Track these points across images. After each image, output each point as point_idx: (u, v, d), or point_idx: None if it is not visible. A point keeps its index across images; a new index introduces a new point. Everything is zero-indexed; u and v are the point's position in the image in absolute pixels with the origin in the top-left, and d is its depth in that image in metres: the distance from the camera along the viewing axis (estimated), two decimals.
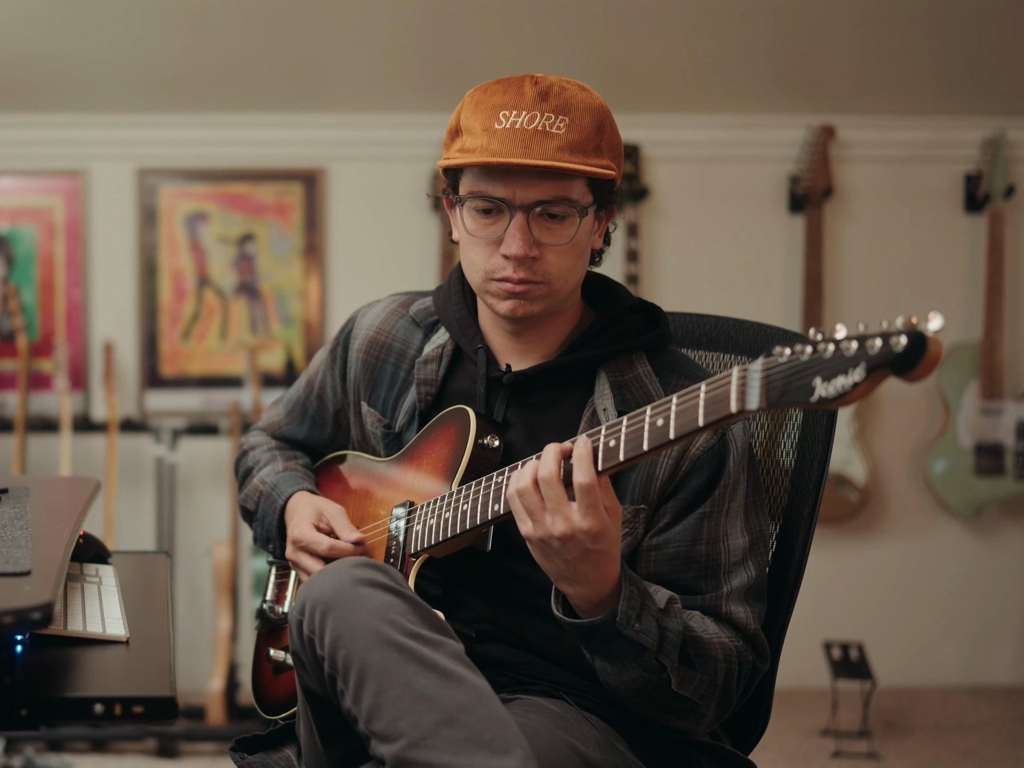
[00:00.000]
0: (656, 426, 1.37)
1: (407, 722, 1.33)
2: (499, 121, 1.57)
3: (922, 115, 4.12)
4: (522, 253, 1.57)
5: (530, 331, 1.68)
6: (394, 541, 1.67)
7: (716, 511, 1.58)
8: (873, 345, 1.19)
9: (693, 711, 1.54)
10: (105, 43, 3.75)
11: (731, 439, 1.60)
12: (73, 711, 1.25)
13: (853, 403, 1.22)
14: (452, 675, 1.35)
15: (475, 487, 1.58)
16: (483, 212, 1.60)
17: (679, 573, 1.58)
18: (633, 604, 1.46)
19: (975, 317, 4.14)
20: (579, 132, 1.57)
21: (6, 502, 1.65)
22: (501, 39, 3.80)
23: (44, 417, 3.94)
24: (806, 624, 3.67)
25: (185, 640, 3.96)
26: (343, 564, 1.45)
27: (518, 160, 1.54)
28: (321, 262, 4.07)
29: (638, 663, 1.48)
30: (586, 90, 1.62)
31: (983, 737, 3.72)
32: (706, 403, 1.33)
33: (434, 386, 1.72)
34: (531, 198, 1.57)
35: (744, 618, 1.57)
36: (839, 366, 1.21)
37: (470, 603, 1.66)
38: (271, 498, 1.84)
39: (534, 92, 1.58)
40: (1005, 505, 4.18)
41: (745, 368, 1.30)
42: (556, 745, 1.48)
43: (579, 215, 1.59)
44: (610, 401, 1.62)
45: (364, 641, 1.36)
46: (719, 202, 4.14)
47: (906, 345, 1.18)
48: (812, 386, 1.22)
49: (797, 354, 1.25)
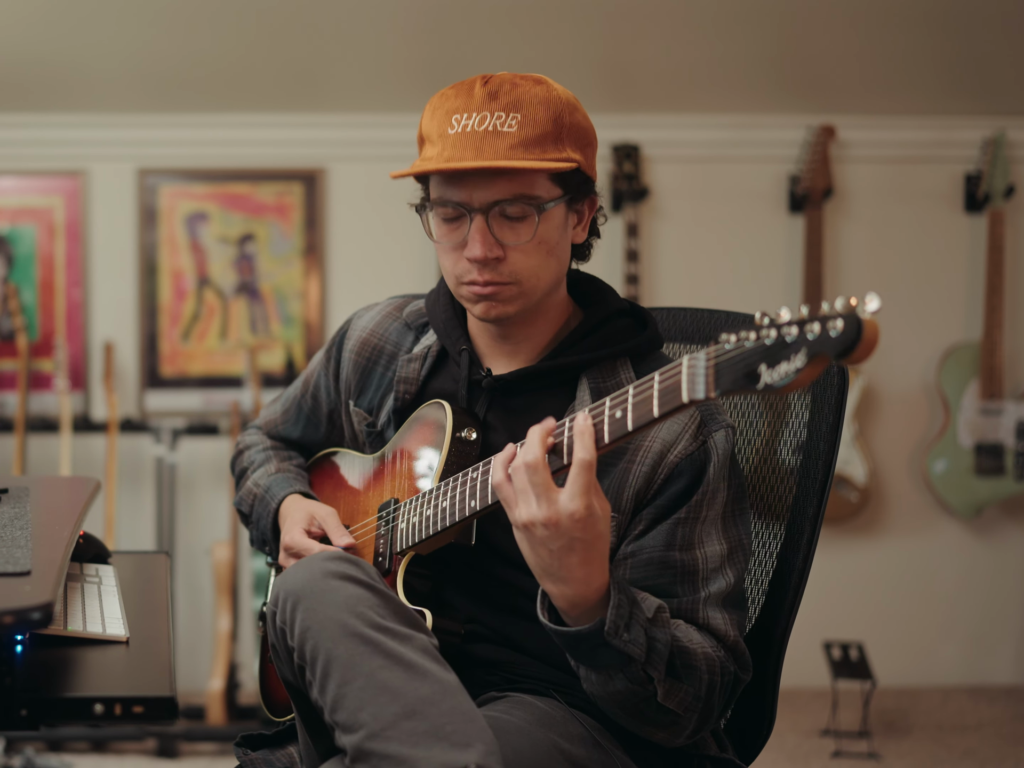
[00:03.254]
0: (615, 418, 1.37)
1: (368, 713, 1.33)
2: (452, 126, 1.57)
3: (922, 115, 4.12)
4: (482, 256, 1.57)
5: (514, 333, 1.67)
6: (381, 539, 1.67)
7: (692, 517, 1.56)
8: (812, 329, 1.18)
9: (675, 723, 1.51)
10: (105, 43, 3.75)
11: (712, 446, 1.58)
12: (73, 711, 1.25)
13: (798, 388, 1.22)
14: (417, 668, 1.35)
15: (454, 483, 1.57)
16: (447, 218, 1.60)
17: (655, 579, 1.55)
18: (622, 613, 1.43)
19: (975, 317, 4.14)
20: (532, 127, 1.55)
21: (6, 502, 1.65)
22: (501, 39, 3.80)
23: (44, 417, 3.94)
24: (806, 624, 3.65)
25: (185, 640, 3.96)
26: (316, 557, 1.45)
27: (465, 165, 1.53)
28: (321, 262, 4.07)
29: (624, 674, 1.45)
30: (543, 83, 1.59)
31: (983, 737, 3.72)
32: (660, 393, 1.32)
33: (414, 384, 1.72)
34: (488, 199, 1.56)
35: (722, 625, 1.55)
36: (782, 352, 1.20)
37: (459, 604, 1.65)
38: (265, 501, 1.84)
39: (483, 93, 1.57)
40: (1005, 505, 4.18)
41: (694, 357, 1.29)
42: (538, 742, 1.47)
43: (537, 212, 1.57)
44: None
45: (330, 632, 1.37)
46: (719, 202, 4.14)
47: (843, 329, 1.16)
48: (758, 373, 1.22)
49: (741, 340, 1.24)
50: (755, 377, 1.22)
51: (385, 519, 1.68)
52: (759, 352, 1.22)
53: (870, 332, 1.16)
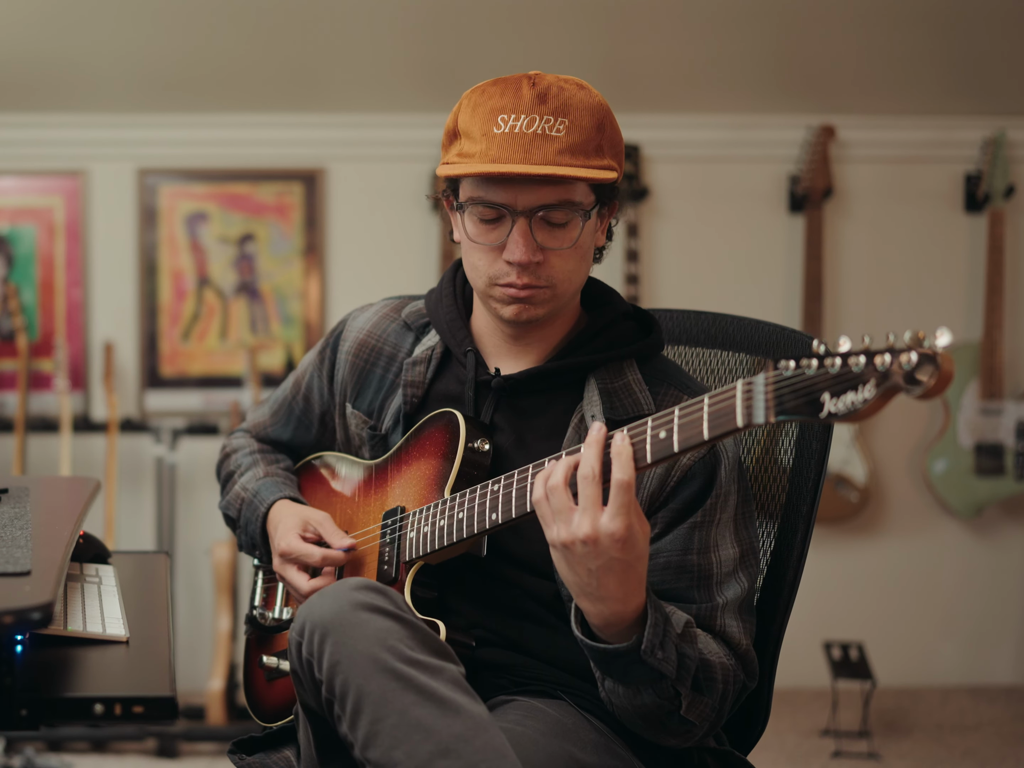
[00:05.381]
0: (659, 438, 1.36)
1: (402, 752, 1.31)
2: (497, 125, 1.54)
3: (922, 115, 4.12)
4: (526, 259, 1.55)
5: (530, 334, 1.66)
6: (387, 548, 1.65)
7: (707, 521, 1.57)
8: (883, 362, 1.18)
9: (689, 731, 1.53)
10: (105, 43, 3.75)
11: (722, 449, 1.58)
12: (73, 711, 1.25)
13: (862, 420, 1.21)
14: (449, 704, 1.33)
15: (470, 495, 1.55)
16: (485, 219, 1.58)
17: (672, 583, 1.56)
18: (657, 632, 1.43)
19: (975, 317, 4.14)
20: (579, 133, 1.55)
21: (6, 502, 1.65)
22: (501, 39, 3.80)
23: (44, 417, 3.94)
24: (806, 624, 3.67)
25: (185, 640, 3.96)
26: (344, 586, 1.43)
27: (518, 169, 1.51)
28: (321, 262, 4.07)
29: (654, 689, 1.46)
30: (585, 88, 1.60)
31: (983, 737, 3.72)
32: (710, 416, 1.31)
33: (421, 388, 1.71)
34: (533, 203, 1.55)
35: (737, 633, 1.56)
36: (848, 382, 1.20)
37: (464, 609, 1.64)
38: (253, 505, 1.81)
39: (532, 94, 1.55)
40: (1005, 505, 4.18)
41: (750, 381, 1.28)
42: (553, 754, 1.47)
43: (582, 219, 1.57)
44: (598, 408, 1.61)
45: (362, 668, 1.35)
46: (719, 202, 4.14)
47: (917, 362, 1.16)
48: (820, 402, 1.21)
49: (803, 368, 1.23)
50: (818, 405, 1.22)
51: (391, 527, 1.66)
52: (823, 380, 1.22)
53: (947, 367, 1.15)
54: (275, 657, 1.78)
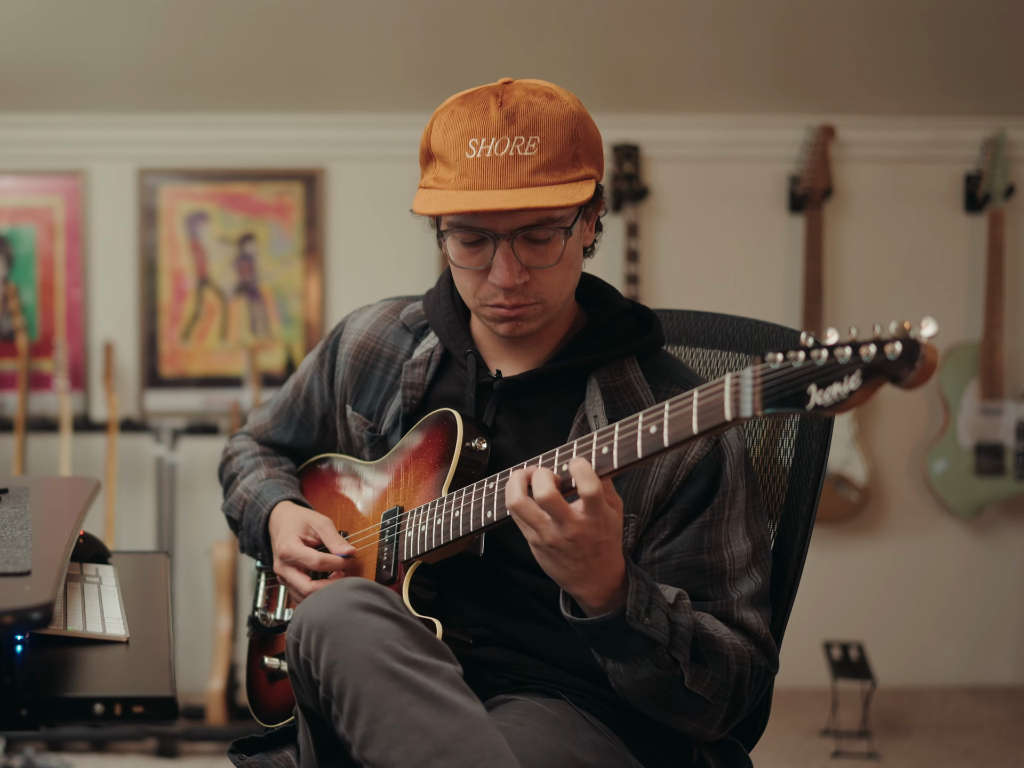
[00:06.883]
0: (649, 433, 1.36)
1: (400, 752, 1.32)
2: (469, 150, 1.53)
3: (922, 115, 4.12)
4: (511, 283, 1.55)
5: (527, 338, 1.66)
6: (385, 548, 1.65)
7: (716, 519, 1.58)
8: (868, 352, 1.19)
9: (706, 711, 1.53)
10: (105, 43, 3.75)
11: (726, 445, 1.59)
12: (73, 711, 1.25)
13: (848, 411, 1.22)
14: (446, 703, 1.34)
15: (467, 493, 1.56)
16: (467, 242, 1.57)
17: (686, 584, 1.57)
18: (642, 598, 1.45)
19: (975, 317, 4.14)
20: (552, 149, 1.53)
21: (6, 502, 1.65)
22: (501, 39, 3.80)
23: (44, 417, 3.95)
24: (806, 624, 3.67)
25: (185, 640, 3.96)
26: (341, 586, 1.43)
27: (492, 206, 1.50)
28: (321, 262, 4.07)
29: (651, 658, 1.47)
30: (555, 97, 1.56)
31: (983, 737, 3.72)
32: (700, 410, 1.31)
33: (420, 390, 1.71)
34: (513, 225, 1.54)
35: (755, 623, 1.57)
36: (834, 373, 1.21)
37: (463, 608, 1.64)
38: (255, 507, 1.81)
39: (500, 115, 1.53)
40: (1005, 505, 4.18)
41: (738, 375, 1.29)
42: (552, 753, 1.47)
43: (564, 236, 1.56)
44: (601, 408, 1.61)
45: (359, 668, 1.35)
46: (719, 202, 4.14)
47: (901, 352, 1.17)
48: (807, 393, 1.22)
49: (790, 360, 1.24)
50: (804, 397, 1.22)
51: (390, 527, 1.66)
52: (809, 372, 1.22)
53: (931, 356, 1.16)
54: (276, 658, 1.78)
